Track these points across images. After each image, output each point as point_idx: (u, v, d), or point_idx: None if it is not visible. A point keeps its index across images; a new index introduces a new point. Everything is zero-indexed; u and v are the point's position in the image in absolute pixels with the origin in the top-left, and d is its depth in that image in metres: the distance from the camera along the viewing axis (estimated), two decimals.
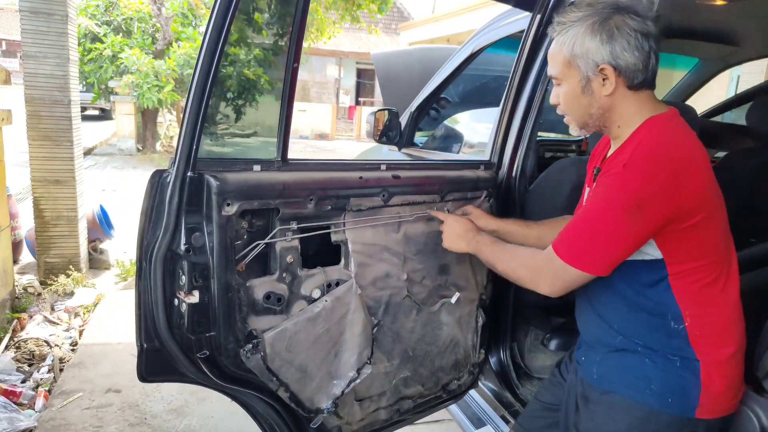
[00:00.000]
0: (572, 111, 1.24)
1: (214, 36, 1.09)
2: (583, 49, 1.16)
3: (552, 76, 1.26)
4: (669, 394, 1.15)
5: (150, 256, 1.18)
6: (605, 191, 1.14)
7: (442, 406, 1.79)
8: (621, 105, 1.19)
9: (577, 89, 1.20)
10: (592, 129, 1.26)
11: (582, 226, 1.16)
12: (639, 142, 1.12)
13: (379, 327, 1.51)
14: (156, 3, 9.33)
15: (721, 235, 1.16)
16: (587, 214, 1.17)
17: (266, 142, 1.33)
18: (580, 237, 1.16)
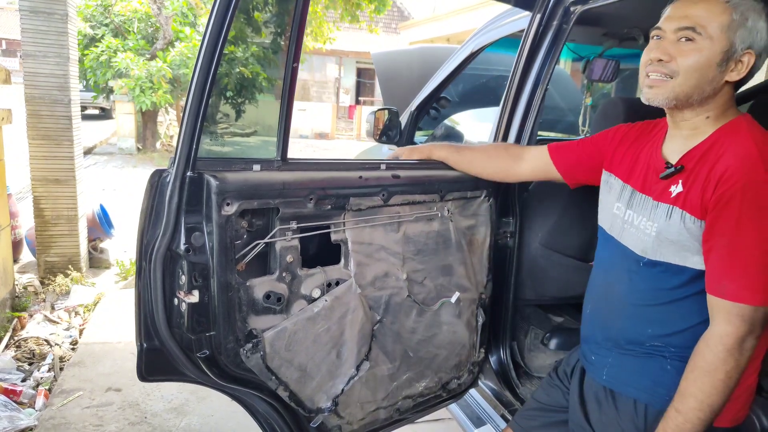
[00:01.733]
0: (688, 77, 1.07)
1: (213, 35, 1.09)
2: (752, 25, 1.04)
3: (692, 28, 1.06)
4: None
5: (150, 255, 1.18)
6: (762, 206, 0.99)
7: (442, 406, 1.79)
8: (724, 95, 1.10)
9: (716, 59, 1.05)
10: (682, 108, 1.11)
11: (757, 259, 1.00)
12: (758, 147, 1.02)
13: (380, 325, 1.51)
14: (156, 2, 9.33)
15: None
16: (755, 245, 1.00)
17: (266, 141, 1.33)
18: (756, 269, 1.00)
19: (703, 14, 1.05)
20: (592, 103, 2.82)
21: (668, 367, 1.16)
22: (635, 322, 1.20)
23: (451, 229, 1.63)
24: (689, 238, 1.09)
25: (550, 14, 1.75)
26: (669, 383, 1.14)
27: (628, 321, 1.22)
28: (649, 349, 1.18)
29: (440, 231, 1.60)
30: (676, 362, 1.15)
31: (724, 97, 1.10)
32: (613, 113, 1.65)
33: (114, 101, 10.67)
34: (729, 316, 1.02)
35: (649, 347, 1.18)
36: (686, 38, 1.06)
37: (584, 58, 2.41)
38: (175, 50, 9.21)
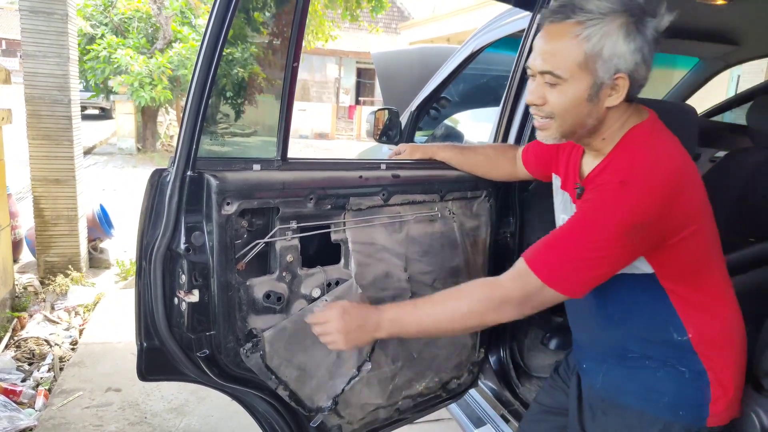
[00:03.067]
0: (566, 118, 1.07)
1: (213, 35, 1.09)
2: (612, 52, 0.99)
3: (550, 72, 1.04)
4: (681, 406, 1.12)
5: (150, 255, 1.18)
6: (601, 209, 1.01)
7: (441, 405, 1.79)
8: (613, 116, 1.07)
9: (583, 95, 1.03)
10: (571, 139, 1.13)
11: (567, 244, 1.04)
12: (633, 158, 1.03)
13: None
14: (156, 2, 9.34)
15: (711, 243, 1.11)
16: (578, 233, 1.03)
17: (266, 141, 1.33)
18: (563, 257, 1.03)
19: (556, 57, 1.02)
20: None
21: (658, 373, 1.15)
22: (610, 333, 1.20)
23: (456, 229, 1.63)
24: None
25: None
26: (662, 388, 1.13)
27: (604, 333, 1.22)
28: (630, 358, 1.18)
29: (444, 232, 1.60)
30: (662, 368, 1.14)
31: (614, 117, 1.08)
32: None
33: (114, 101, 10.67)
34: (516, 272, 1.06)
35: (629, 357, 1.18)
36: (549, 83, 1.05)
37: None
38: (174, 51, 9.21)
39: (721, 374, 1.12)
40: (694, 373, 1.11)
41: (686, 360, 1.12)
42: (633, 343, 1.17)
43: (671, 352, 1.12)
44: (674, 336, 1.11)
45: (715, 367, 1.11)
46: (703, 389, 1.11)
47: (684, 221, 1.02)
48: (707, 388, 1.11)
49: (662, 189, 0.99)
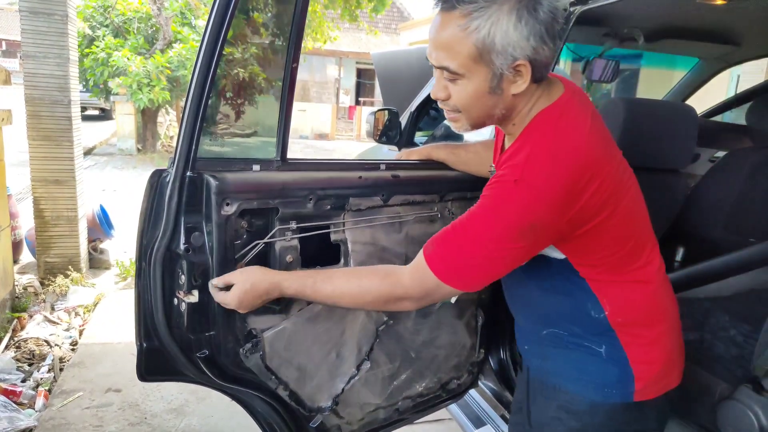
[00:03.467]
0: (471, 111, 1.04)
1: (213, 35, 1.09)
2: (505, 41, 0.93)
3: (445, 68, 0.99)
4: (606, 385, 1.12)
5: (149, 255, 1.18)
6: (494, 206, 0.98)
7: (441, 406, 1.79)
8: (523, 101, 1.03)
9: (484, 88, 0.99)
10: (482, 127, 1.10)
11: (463, 240, 1.01)
12: (531, 152, 0.98)
13: (386, 325, 1.51)
14: (156, 3, 9.34)
15: (631, 222, 1.06)
16: (472, 228, 1.00)
17: (265, 141, 1.33)
18: (459, 253, 1.01)
19: (449, 52, 0.97)
20: None
21: (579, 353, 1.15)
22: (536, 314, 1.20)
23: None
24: None
25: None
26: (585, 367, 1.13)
27: (531, 314, 1.22)
28: (554, 339, 1.18)
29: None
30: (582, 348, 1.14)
31: (523, 102, 1.04)
32: (613, 113, 1.65)
33: (114, 102, 10.67)
34: (415, 267, 1.06)
35: (553, 338, 1.18)
36: (448, 78, 1.01)
37: (584, 59, 2.41)
38: (173, 51, 9.22)
39: (642, 350, 1.11)
40: (612, 350, 1.11)
41: (605, 338, 1.11)
42: (557, 323, 1.17)
43: (589, 329, 1.12)
44: (592, 314, 1.10)
45: (633, 343, 1.10)
46: (622, 365, 1.11)
47: (591, 213, 0.99)
48: (627, 365, 1.11)
49: (558, 190, 0.95)
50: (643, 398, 1.12)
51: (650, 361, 1.12)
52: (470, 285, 1.05)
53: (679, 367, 1.19)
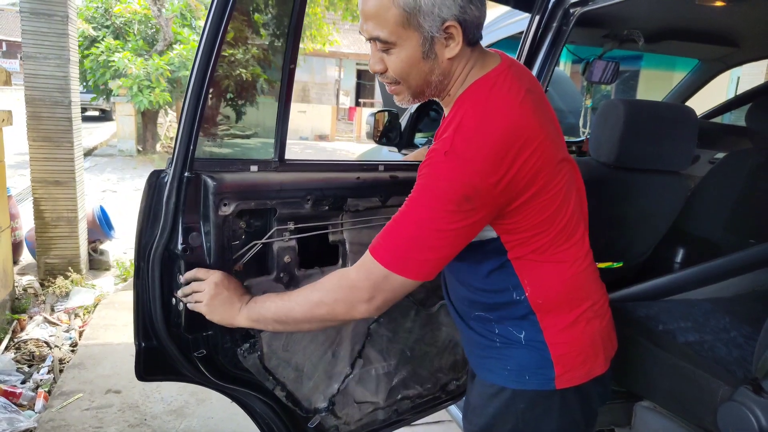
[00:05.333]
0: (408, 81, 1.03)
1: (211, 36, 1.09)
2: (430, 2, 0.94)
3: (377, 38, 0.99)
4: (524, 371, 1.11)
5: (148, 255, 1.18)
6: (427, 184, 0.97)
7: (440, 407, 1.79)
8: (459, 66, 1.03)
9: (417, 54, 0.98)
10: (426, 98, 1.08)
11: (404, 226, 0.99)
12: (460, 122, 0.97)
13: (376, 324, 1.51)
14: (156, 4, 9.36)
15: (559, 203, 1.05)
16: (409, 212, 0.99)
17: (263, 142, 1.33)
18: (402, 239, 0.99)
19: (378, 20, 0.97)
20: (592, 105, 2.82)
21: (497, 341, 1.14)
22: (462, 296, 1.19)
23: None
24: None
25: (550, 16, 1.75)
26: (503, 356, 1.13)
27: (458, 296, 1.21)
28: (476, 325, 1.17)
29: None
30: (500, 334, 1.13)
31: (459, 68, 1.03)
32: (613, 115, 1.64)
33: (114, 103, 10.69)
34: (362, 264, 1.02)
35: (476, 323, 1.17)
36: (381, 49, 1.01)
37: (584, 60, 2.41)
38: (174, 53, 9.23)
39: (562, 335, 1.10)
40: (531, 335, 1.10)
41: (526, 322, 1.10)
42: (483, 307, 1.15)
43: (512, 313, 1.11)
44: (514, 296, 1.09)
45: (555, 327, 1.09)
46: (543, 352, 1.09)
47: (523, 184, 0.98)
48: (546, 350, 1.09)
49: (486, 156, 0.94)
50: (564, 385, 1.10)
51: (569, 344, 1.10)
52: (420, 271, 1.01)
53: (605, 354, 1.16)
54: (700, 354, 1.46)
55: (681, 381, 1.42)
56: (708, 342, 1.51)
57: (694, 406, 1.40)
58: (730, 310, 1.70)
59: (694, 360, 1.43)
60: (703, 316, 1.66)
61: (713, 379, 1.35)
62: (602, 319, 1.16)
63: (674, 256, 2.08)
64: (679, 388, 1.43)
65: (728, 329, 1.59)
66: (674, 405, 1.47)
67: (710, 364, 1.41)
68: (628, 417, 1.60)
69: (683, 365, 1.42)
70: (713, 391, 1.33)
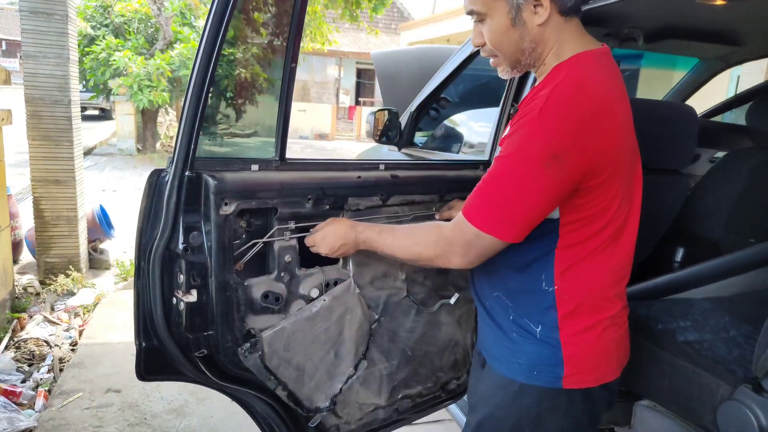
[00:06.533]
0: (502, 49, 1.08)
1: (211, 35, 1.09)
2: None
3: (472, 11, 1.07)
4: (534, 367, 1.11)
5: (148, 255, 1.18)
6: (517, 142, 0.99)
7: (441, 406, 1.79)
8: (553, 35, 1.05)
9: (506, 22, 1.04)
10: (524, 68, 1.11)
11: (493, 185, 1.02)
12: (558, 84, 0.99)
13: (378, 324, 1.51)
14: (156, 3, 9.35)
15: (618, 195, 1.06)
16: (498, 170, 1.01)
17: (264, 141, 1.33)
18: (491, 198, 1.02)
19: None
20: None
21: (513, 332, 1.14)
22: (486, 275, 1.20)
23: None
24: None
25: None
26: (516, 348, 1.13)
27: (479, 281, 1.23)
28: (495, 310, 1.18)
29: None
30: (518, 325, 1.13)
31: (553, 36, 1.05)
32: None
33: (114, 102, 10.68)
34: (456, 224, 1.07)
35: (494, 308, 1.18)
36: (478, 21, 1.08)
37: None
38: (174, 52, 9.22)
39: (578, 336, 1.10)
40: (546, 331, 1.10)
41: (545, 317, 1.10)
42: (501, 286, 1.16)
43: (532, 303, 1.11)
44: (543, 285, 1.10)
45: (572, 327, 1.09)
46: (555, 349, 1.10)
47: (600, 162, 0.99)
48: (559, 349, 1.09)
49: (576, 116, 0.96)
50: (572, 386, 1.10)
51: (583, 347, 1.10)
52: (508, 232, 1.02)
53: (617, 362, 1.17)
54: (700, 353, 1.46)
55: (681, 380, 1.42)
56: (708, 341, 1.51)
57: (694, 405, 1.40)
58: (729, 310, 1.70)
59: (693, 359, 1.43)
60: (703, 316, 1.66)
61: (713, 379, 1.35)
62: (619, 328, 1.16)
63: (674, 256, 2.08)
64: (679, 387, 1.43)
65: (728, 328, 1.59)
66: (674, 404, 1.47)
67: (710, 364, 1.41)
68: (627, 416, 1.60)
69: (683, 364, 1.42)
70: (713, 391, 1.33)
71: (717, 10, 2.06)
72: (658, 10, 2.04)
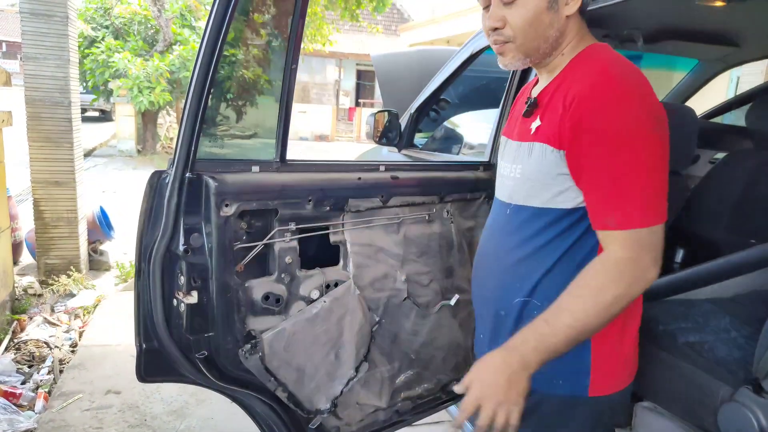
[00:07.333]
0: (528, 33, 1.04)
1: (212, 37, 1.09)
2: None
3: None
4: (558, 375, 1.05)
5: (149, 256, 1.18)
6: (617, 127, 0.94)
7: (441, 407, 1.79)
8: (574, 29, 1.06)
9: (543, 5, 1.02)
10: (537, 59, 1.08)
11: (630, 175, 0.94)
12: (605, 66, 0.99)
13: (379, 326, 1.51)
14: (156, 4, 9.35)
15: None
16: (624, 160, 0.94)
17: (265, 143, 1.33)
18: (641, 188, 0.95)
19: None
20: None
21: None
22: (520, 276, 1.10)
23: (453, 230, 1.62)
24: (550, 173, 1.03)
25: None
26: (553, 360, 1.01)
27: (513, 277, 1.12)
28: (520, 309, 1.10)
29: (442, 233, 1.60)
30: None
31: (574, 29, 1.06)
32: None
33: (114, 103, 10.68)
34: (624, 242, 0.95)
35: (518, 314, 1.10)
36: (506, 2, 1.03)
37: None
38: (175, 53, 9.23)
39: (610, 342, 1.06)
40: None
41: None
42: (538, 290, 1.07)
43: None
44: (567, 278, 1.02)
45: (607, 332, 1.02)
46: (583, 357, 1.04)
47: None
48: (588, 356, 1.04)
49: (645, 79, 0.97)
50: (597, 393, 1.06)
51: (612, 353, 1.06)
52: (665, 209, 0.97)
53: (634, 366, 1.15)
54: (701, 354, 1.46)
55: (681, 381, 1.42)
56: (708, 342, 1.51)
57: (695, 407, 1.39)
58: (730, 311, 1.69)
59: (694, 360, 1.43)
60: (704, 317, 1.66)
61: (714, 380, 1.35)
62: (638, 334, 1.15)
63: (674, 256, 2.08)
64: (680, 389, 1.43)
65: (728, 329, 1.59)
66: (675, 405, 1.47)
67: (710, 365, 1.41)
68: (628, 417, 1.60)
69: (684, 365, 1.42)
70: (714, 392, 1.33)
71: (717, 12, 2.06)
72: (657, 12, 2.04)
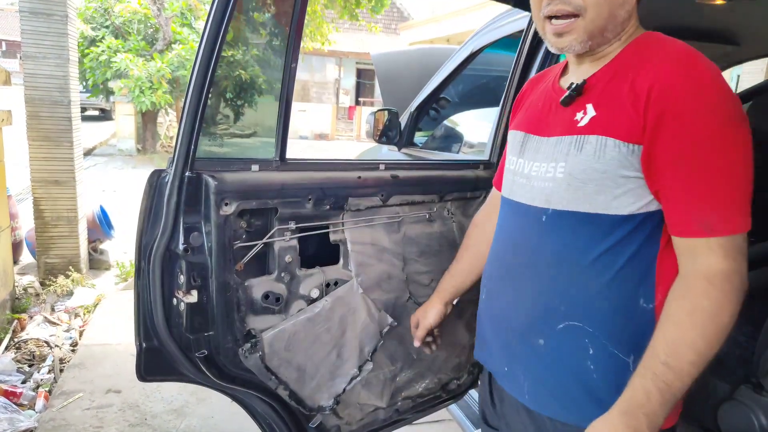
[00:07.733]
0: (600, 7, 0.91)
1: (212, 36, 1.09)
2: None
3: None
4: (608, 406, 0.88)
5: (148, 255, 1.18)
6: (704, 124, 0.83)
7: (441, 406, 1.79)
8: (635, 14, 0.97)
9: None
10: (599, 42, 0.95)
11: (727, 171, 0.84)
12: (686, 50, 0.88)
13: (390, 328, 1.50)
14: (156, 4, 9.35)
15: None
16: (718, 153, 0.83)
17: (264, 142, 1.33)
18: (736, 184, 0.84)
19: None
20: None
21: (589, 363, 0.92)
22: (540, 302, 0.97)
23: (455, 230, 1.62)
24: (610, 172, 0.89)
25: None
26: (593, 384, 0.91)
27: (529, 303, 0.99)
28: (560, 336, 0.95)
29: (443, 232, 1.60)
30: (598, 355, 0.91)
31: (635, 17, 0.97)
32: None
33: (114, 102, 10.68)
34: (726, 251, 0.86)
35: (560, 335, 0.95)
36: None
37: None
38: (173, 53, 9.23)
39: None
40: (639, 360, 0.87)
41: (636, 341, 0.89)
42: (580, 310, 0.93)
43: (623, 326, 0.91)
44: (640, 302, 0.91)
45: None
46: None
47: None
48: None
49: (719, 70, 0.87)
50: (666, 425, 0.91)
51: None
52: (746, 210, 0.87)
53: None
54: None
55: None
56: None
57: (695, 405, 1.40)
58: None
59: None
60: None
61: (713, 378, 1.35)
62: None
63: None
64: None
65: None
66: None
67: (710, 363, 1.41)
68: None
69: None
70: (714, 390, 1.33)
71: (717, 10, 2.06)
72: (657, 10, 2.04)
